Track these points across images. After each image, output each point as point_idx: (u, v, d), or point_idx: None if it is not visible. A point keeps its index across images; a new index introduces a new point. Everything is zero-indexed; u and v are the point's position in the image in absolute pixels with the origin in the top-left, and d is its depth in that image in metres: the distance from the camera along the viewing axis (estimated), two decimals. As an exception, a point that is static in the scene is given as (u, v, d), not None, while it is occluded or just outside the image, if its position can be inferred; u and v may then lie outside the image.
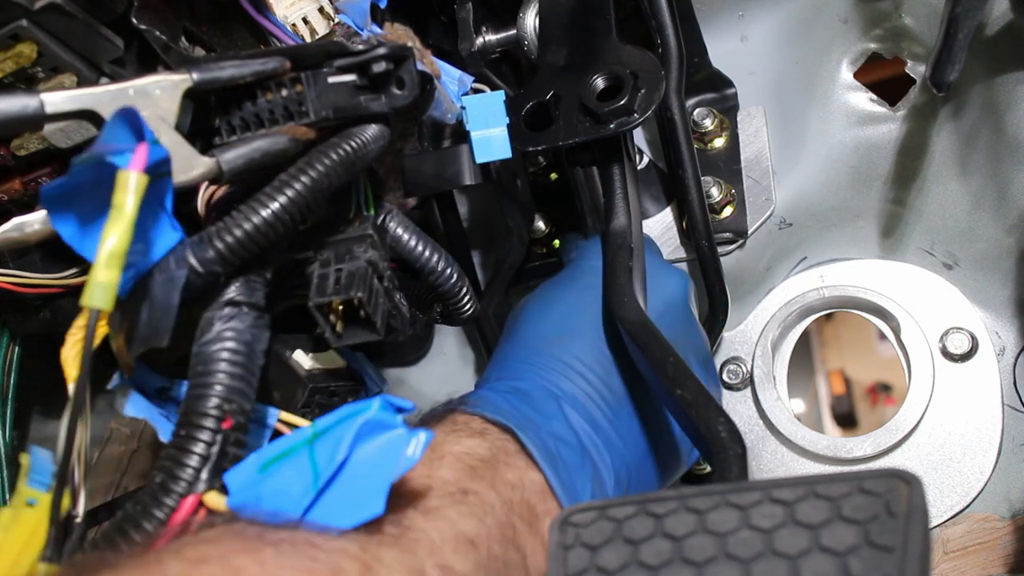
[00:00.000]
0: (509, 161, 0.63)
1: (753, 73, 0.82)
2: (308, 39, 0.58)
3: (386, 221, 0.57)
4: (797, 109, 0.81)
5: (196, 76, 0.46)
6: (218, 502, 0.41)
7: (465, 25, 0.72)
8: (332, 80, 0.50)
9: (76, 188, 0.41)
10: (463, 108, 0.61)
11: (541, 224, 0.85)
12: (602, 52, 0.66)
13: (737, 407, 0.83)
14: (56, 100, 0.44)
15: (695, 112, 0.80)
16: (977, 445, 0.76)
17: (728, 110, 0.82)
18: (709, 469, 0.80)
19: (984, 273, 0.78)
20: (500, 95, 0.61)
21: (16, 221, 0.46)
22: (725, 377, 0.83)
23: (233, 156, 0.48)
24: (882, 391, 2.84)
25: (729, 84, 0.82)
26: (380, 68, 0.50)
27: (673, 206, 0.82)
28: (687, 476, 0.84)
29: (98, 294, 0.40)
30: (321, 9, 0.59)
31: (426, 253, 0.58)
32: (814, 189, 0.82)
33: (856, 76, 0.80)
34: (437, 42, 0.74)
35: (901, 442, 0.77)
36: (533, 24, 0.72)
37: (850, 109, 0.80)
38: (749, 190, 0.81)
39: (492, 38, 0.74)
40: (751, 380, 0.82)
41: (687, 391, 0.52)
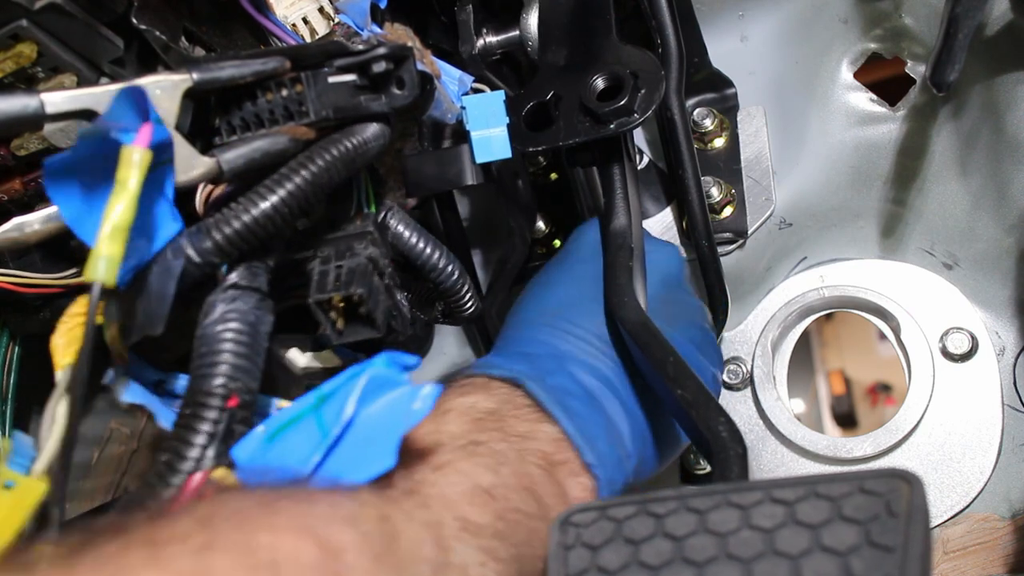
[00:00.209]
0: (510, 161, 0.63)
1: (753, 73, 0.82)
2: (308, 39, 0.58)
3: (387, 218, 0.57)
4: (797, 109, 0.81)
5: (196, 76, 0.46)
6: (227, 478, 0.41)
7: (466, 27, 0.72)
8: (332, 80, 0.50)
9: (79, 163, 0.41)
10: (463, 108, 0.61)
11: (541, 224, 0.85)
12: (602, 52, 0.66)
13: (737, 407, 0.83)
14: (56, 100, 0.44)
15: (695, 112, 0.80)
16: (977, 445, 0.76)
17: (728, 110, 0.82)
18: (709, 469, 0.80)
19: (984, 273, 0.78)
20: (500, 95, 0.61)
21: (16, 221, 0.46)
22: (725, 377, 0.83)
23: (233, 156, 0.48)
24: (882, 391, 2.84)
25: (729, 84, 0.82)
26: (380, 68, 0.50)
27: (673, 206, 0.82)
28: (687, 476, 0.84)
29: (101, 267, 0.39)
30: (321, 9, 0.59)
31: (427, 250, 0.58)
32: (814, 189, 0.82)
33: (856, 76, 0.80)
34: (437, 42, 0.74)
35: (901, 442, 0.77)
36: (536, 25, 0.72)
37: (850, 109, 0.80)
38: (749, 190, 0.81)
39: (493, 40, 0.74)
40: (751, 380, 0.82)
41: (688, 391, 0.52)
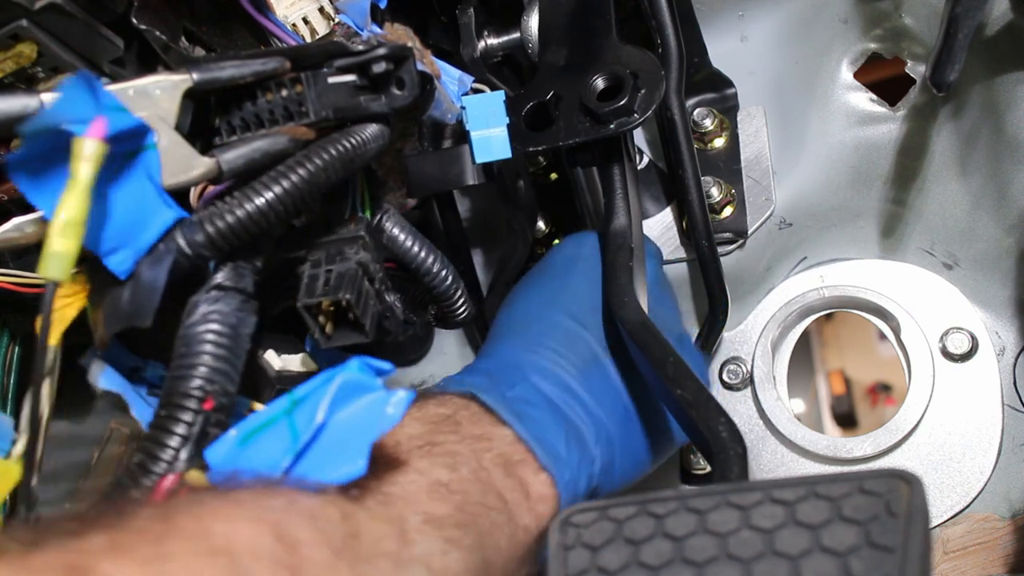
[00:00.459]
0: (511, 161, 0.63)
1: (753, 73, 0.82)
2: (308, 39, 0.58)
3: (382, 221, 0.57)
4: (797, 109, 0.81)
5: (196, 76, 0.46)
6: (200, 481, 0.41)
7: (467, 30, 0.72)
8: (332, 80, 0.50)
9: (37, 158, 0.40)
10: (463, 108, 0.61)
11: (541, 224, 0.85)
12: (602, 52, 0.66)
13: (737, 407, 0.83)
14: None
15: (695, 112, 0.80)
16: (977, 445, 0.76)
17: (728, 110, 0.82)
18: (709, 469, 0.80)
19: (984, 273, 0.78)
20: (500, 95, 0.61)
21: (16, 221, 0.46)
22: (725, 377, 0.83)
23: (233, 156, 0.48)
24: (882, 391, 2.84)
25: (729, 84, 0.82)
26: (380, 68, 0.50)
27: (673, 206, 0.82)
28: (687, 476, 0.84)
29: (53, 264, 0.39)
30: (321, 9, 0.59)
31: (421, 254, 0.58)
32: (814, 189, 0.81)
33: (856, 76, 0.80)
34: (437, 42, 0.74)
35: (901, 442, 0.77)
36: (537, 26, 0.72)
37: (850, 109, 0.80)
38: (749, 190, 0.81)
39: (494, 42, 0.74)
40: (751, 380, 0.82)
41: (687, 391, 0.52)
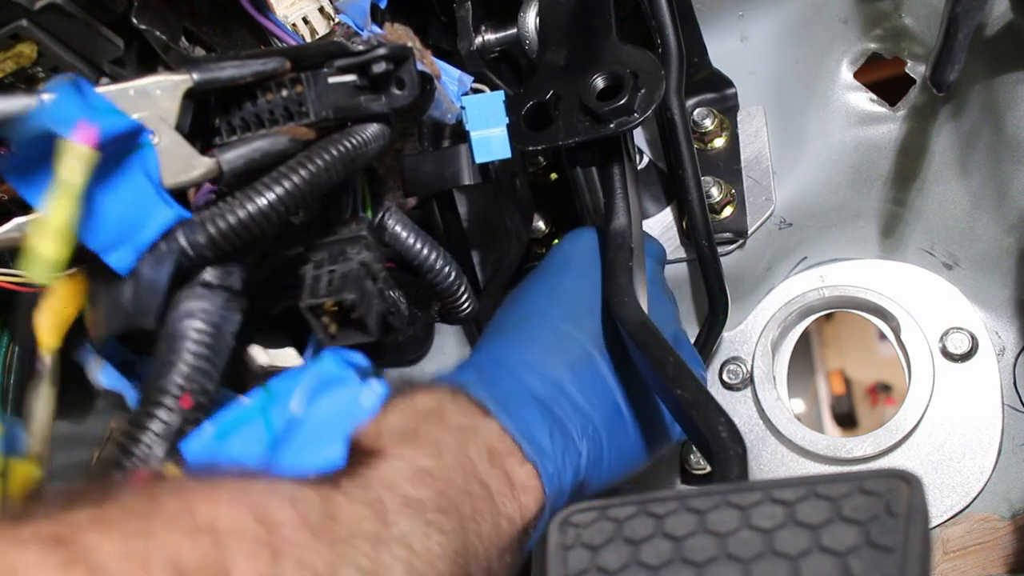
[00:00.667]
0: (509, 161, 0.63)
1: (753, 73, 0.82)
2: (308, 39, 0.58)
3: (384, 219, 0.57)
4: (797, 109, 0.81)
5: (196, 76, 0.46)
6: (176, 475, 0.41)
7: (464, 24, 0.72)
8: (332, 80, 0.50)
9: (30, 160, 0.41)
10: (463, 108, 0.61)
11: (541, 224, 0.85)
12: (602, 52, 0.66)
13: (737, 407, 0.83)
14: (56, 100, 0.44)
15: (695, 112, 0.80)
16: (977, 445, 0.76)
17: (728, 110, 0.82)
18: (709, 469, 0.80)
19: (984, 273, 0.78)
20: (500, 95, 0.61)
21: (16, 221, 0.46)
22: (725, 377, 0.83)
23: (233, 156, 0.48)
24: (882, 391, 2.84)
25: (729, 84, 0.82)
26: (380, 68, 0.50)
27: (673, 206, 0.82)
28: (687, 476, 0.84)
29: (37, 268, 0.39)
30: (321, 9, 0.59)
31: (424, 251, 0.58)
32: (814, 189, 0.81)
33: (856, 76, 0.80)
34: (437, 42, 0.74)
35: (901, 442, 0.77)
36: (534, 23, 0.72)
37: (850, 109, 0.80)
38: (749, 190, 0.81)
39: (491, 37, 0.74)
40: (751, 380, 0.82)
41: (687, 391, 0.52)
